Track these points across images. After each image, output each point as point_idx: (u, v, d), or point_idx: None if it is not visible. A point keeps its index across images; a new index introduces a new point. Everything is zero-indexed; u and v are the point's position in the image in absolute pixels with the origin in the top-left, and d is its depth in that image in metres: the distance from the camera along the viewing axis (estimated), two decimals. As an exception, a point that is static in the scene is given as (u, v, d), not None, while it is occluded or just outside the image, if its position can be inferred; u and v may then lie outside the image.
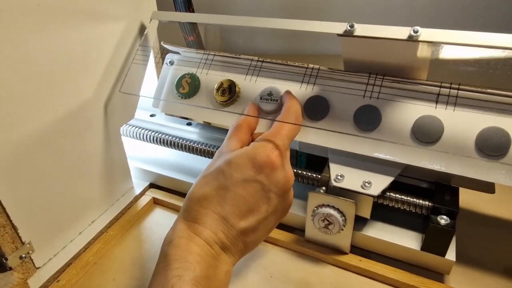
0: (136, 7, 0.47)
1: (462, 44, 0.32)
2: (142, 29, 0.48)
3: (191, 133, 0.62)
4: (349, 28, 0.36)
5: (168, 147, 0.56)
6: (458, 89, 0.37)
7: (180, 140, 0.55)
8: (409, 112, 0.39)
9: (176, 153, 0.59)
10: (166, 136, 0.55)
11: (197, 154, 0.54)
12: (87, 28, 0.41)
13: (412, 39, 0.34)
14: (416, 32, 0.34)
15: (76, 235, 0.47)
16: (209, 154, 0.53)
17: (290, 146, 0.41)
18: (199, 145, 0.53)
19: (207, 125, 0.61)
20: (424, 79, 0.40)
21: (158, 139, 0.56)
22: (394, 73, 0.40)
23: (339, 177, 0.41)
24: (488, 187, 0.41)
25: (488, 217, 0.51)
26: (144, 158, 0.59)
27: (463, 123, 0.37)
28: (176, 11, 0.61)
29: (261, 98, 0.45)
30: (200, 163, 0.57)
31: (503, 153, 0.36)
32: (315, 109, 0.43)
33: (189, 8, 0.61)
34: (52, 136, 0.40)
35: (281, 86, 0.45)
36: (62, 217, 0.44)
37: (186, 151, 0.55)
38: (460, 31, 0.33)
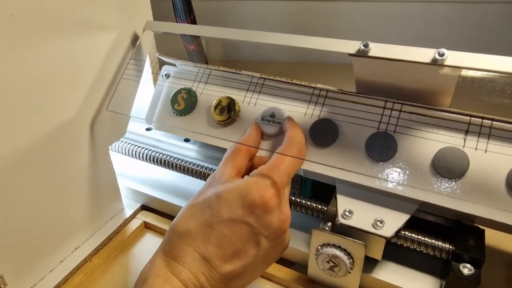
0: (128, 16, 0.43)
1: (496, 72, 0.28)
2: (135, 40, 0.44)
3: (189, 151, 0.58)
4: (363, 47, 0.32)
5: (163, 167, 0.51)
6: (492, 120, 0.32)
7: (176, 160, 0.50)
8: (430, 142, 0.34)
9: (172, 173, 0.54)
10: (161, 155, 0.51)
11: (194, 177, 0.49)
12: (71, 39, 0.37)
13: (437, 63, 0.29)
14: (441, 55, 0.29)
15: (56, 264, 0.43)
16: (206, 177, 0.48)
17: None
18: (197, 167, 0.49)
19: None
20: (446, 106, 0.35)
21: (152, 158, 0.52)
22: (412, 98, 0.35)
23: (347, 213, 0.37)
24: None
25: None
26: (136, 177, 0.55)
27: (492, 157, 0.32)
28: (176, 19, 0.56)
29: (262, 119, 0.41)
30: (198, 185, 0.52)
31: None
32: (322, 134, 0.38)
33: (190, 15, 0.56)
34: (30, 157, 0.36)
35: (285, 106, 0.40)
36: (41, 244, 0.40)
37: (182, 173, 0.50)
38: (493, 56, 0.28)
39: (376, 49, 0.32)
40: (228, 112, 0.42)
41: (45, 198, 0.39)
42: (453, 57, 0.29)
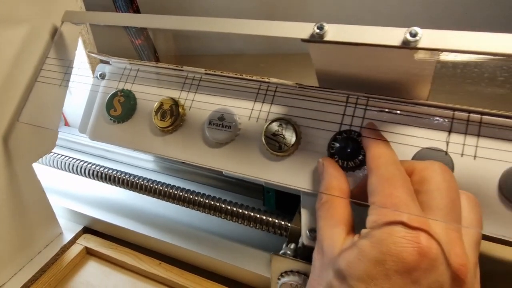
0: (44, 6, 0.36)
1: (485, 53, 0.21)
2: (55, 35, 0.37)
3: (144, 162, 0.51)
4: (317, 30, 0.25)
5: (107, 183, 0.44)
6: (482, 113, 0.26)
7: (126, 176, 0.43)
8: (405, 145, 0.28)
9: (120, 189, 0.47)
10: (104, 169, 0.44)
11: (147, 194, 0.42)
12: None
13: (409, 46, 0.23)
14: (414, 35, 0.23)
15: (-27, 310, 0.36)
16: (166, 195, 0.41)
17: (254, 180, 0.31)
18: (149, 183, 0.42)
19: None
20: (423, 99, 0.29)
21: (93, 173, 0.44)
22: (382, 90, 0.29)
23: (313, 232, 0.30)
24: (515, 242, 0.30)
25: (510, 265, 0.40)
26: (76, 195, 0.48)
27: (483, 163, 0.26)
28: (116, 10, 0.49)
29: (210, 123, 0.34)
30: (151, 203, 0.45)
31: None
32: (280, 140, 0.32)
33: (132, 5, 0.49)
34: None
35: (237, 109, 0.34)
36: None
37: (130, 189, 0.43)
38: (481, 33, 0.22)
39: (334, 32, 0.25)
40: (171, 116, 0.36)
41: None
42: (429, 37, 0.23)
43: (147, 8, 0.53)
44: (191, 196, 0.40)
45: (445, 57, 0.23)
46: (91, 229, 0.45)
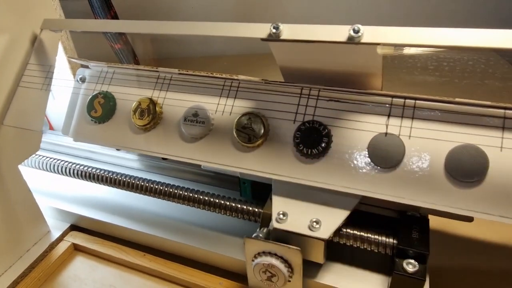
0: (22, 15, 0.38)
1: (418, 45, 0.24)
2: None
3: (128, 161, 0.53)
4: (274, 30, 0.28)
5: (93, 182, 0.46)
6: (416, 99, 0.29)
7: (109, 174, 0.45)
8: (362, 130, 0.31)
9: (104, 187, 0.49)
10: (89, 169, 0.46)
11: (133, 191, 0.44)
12: None
13: (353, 41, 0.26)
14: (356, 32, 0.25)
15: (-34, 305, 0.37)
16: (148, 190, 0.43)
17: (229, 171, 0.34)
18: (136, 180, 0.43)
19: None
20: (378, 89, 0.32)
21: (80, 173, 0.46)
22: (341, 83, 0.32)
23: (281, 215, 0.33)
24: (464, 216, 0.33)
25: (465, 240, 0.43)
26: (62, 195, 0.50)
27: (428, 141, 0.29)
28: (94, 17, 0.51)
29: (185, 120, 0.37)
30: (134, 198, 0.48)
31: (479, 179, 0.28)
32: (250, 132, 0.34)
33: (110, 12, 0.51)
34: None
35: (209, 103, 0.36)
36: None
37: (113, 186, 0.45)
38: (415, 27, 0.24)
39: (289, 31, 0.28)
40: (148, 115, 0.38)
41: None
42: (370, 33, 0.26)
43: (125, 14, 0.55)
44: (171, 190, 0.42)
45: (386, 50, 0.26)
46: (78, 226, 0.47)
